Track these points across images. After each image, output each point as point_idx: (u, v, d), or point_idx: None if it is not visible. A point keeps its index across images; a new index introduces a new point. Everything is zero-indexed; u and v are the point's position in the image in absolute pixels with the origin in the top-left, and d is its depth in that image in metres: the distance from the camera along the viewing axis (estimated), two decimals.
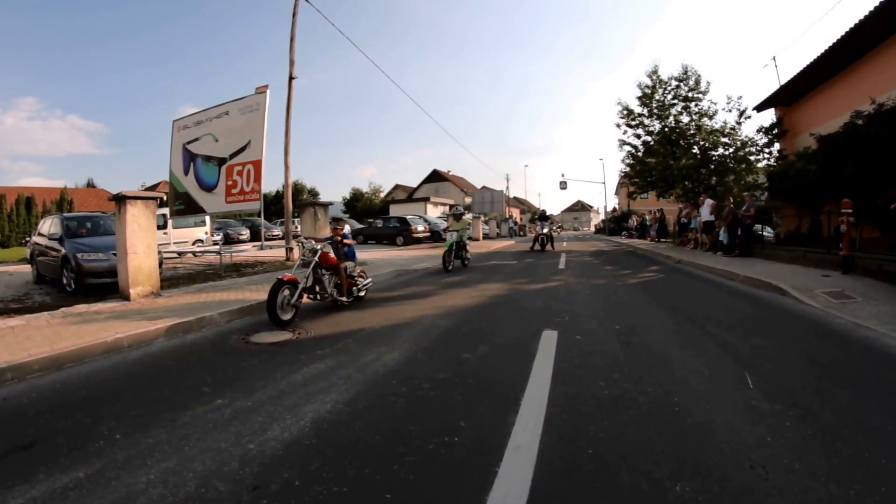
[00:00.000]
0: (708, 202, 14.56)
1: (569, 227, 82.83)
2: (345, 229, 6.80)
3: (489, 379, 3.35)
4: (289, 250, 12.29)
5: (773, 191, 14.70)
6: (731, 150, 16.45)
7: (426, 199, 41.99)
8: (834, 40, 11.21)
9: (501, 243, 24.54)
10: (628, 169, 19.98)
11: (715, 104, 16.84)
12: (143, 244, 6.73)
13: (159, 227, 9.37)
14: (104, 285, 7.43)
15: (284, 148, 12.18)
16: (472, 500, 1.90)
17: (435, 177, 56.97)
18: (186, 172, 12.68)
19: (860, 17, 10.11)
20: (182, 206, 13.05)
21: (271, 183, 46.83)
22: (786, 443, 2.32)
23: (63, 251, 7.98)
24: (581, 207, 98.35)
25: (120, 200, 6.63)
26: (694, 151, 16.92)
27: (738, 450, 2.26)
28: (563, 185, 43.63)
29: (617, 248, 19.94)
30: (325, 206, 11.76)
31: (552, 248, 17.06)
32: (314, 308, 6.16)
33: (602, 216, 52.69)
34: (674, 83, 17.07)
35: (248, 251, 14.68)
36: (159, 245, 7.54)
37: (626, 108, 18.39)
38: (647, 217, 27.25)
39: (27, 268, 11.70)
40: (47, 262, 8.96)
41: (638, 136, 18.53)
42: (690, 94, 16.83)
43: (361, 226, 28.05)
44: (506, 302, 6.60)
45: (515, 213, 51.64)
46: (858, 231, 9.40)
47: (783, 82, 14.85)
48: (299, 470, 2.14)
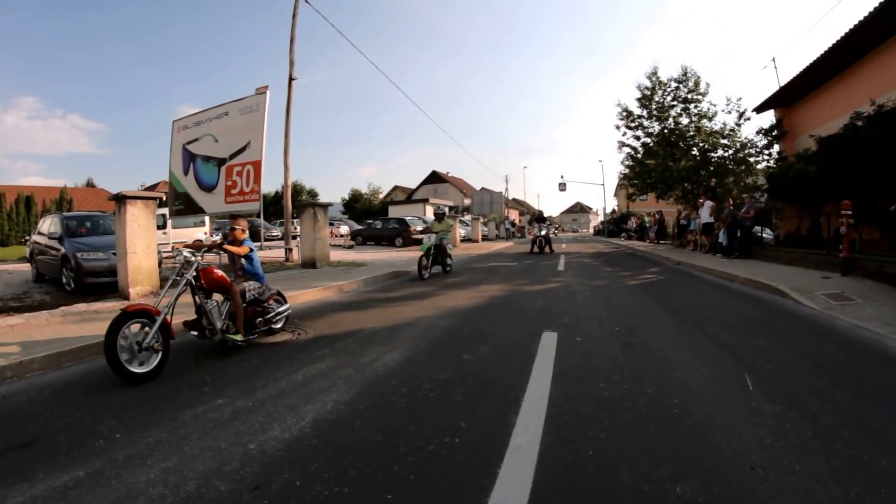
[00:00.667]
0: (707, 204, 14.58)
1: (568, 229, 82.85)
2: (244, 234, 4.76)
3: (489, 379, 3.35)
4: (288, 251, 12.30)
5: (773, 192, 14.71)
6: (731, 152, 16.49)
7: (425, 201, 41.78)
8: (834, 41, 11.24)
9: (500, 245, 24.55)
10: (628, 170, 20.01)
11: (714, 105, 16.92)
12: (143, 244, 6.74)
13: (158, 227, 9.36)
14: (103, 284, 7.43)
15: (284, 149, 12.21)
16: (474, 501, 1.90)
17: (434, 178, 56.99)
18: (186, 172, 12.69)
19: (860, 18, 10.14)
20: (181, 207, 13.06)
21: (270, 183, 46.75)
22: (786, 444, 2.32)
23: (63, 250, 7.98)
24: (580, 209, 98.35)
25: (120, 200, 6.65)
26: (693, 153, 16.95)
27: (739, 451, 2.26)
28: (563, 187, 43.66)
29: (616, 250, 19.94)
30: (325, 207, 11.75)
31: (550, 251, 17.01)
32: (314, 308, 6.15)
33: (601, 218, 52.70)
34: (673, 85, 17.12)
35: None
36: (158, 245, 7.54)
37: (626, 110, 18.43)
38: (647, 219, 27.27)
39: (26, 266, 11.72)
40: (47, 261, 8.97)
41: (637, 138, 18.57)
42: (690, 96, 16.87)
43: (360, 227, 28.05)
44: (505, 303, 6.60)
45: (514, 215, 51.71)
46: (858, 233, 9.39)
47: (783, 83, 14.89)
48: (300, 470, 2.13)
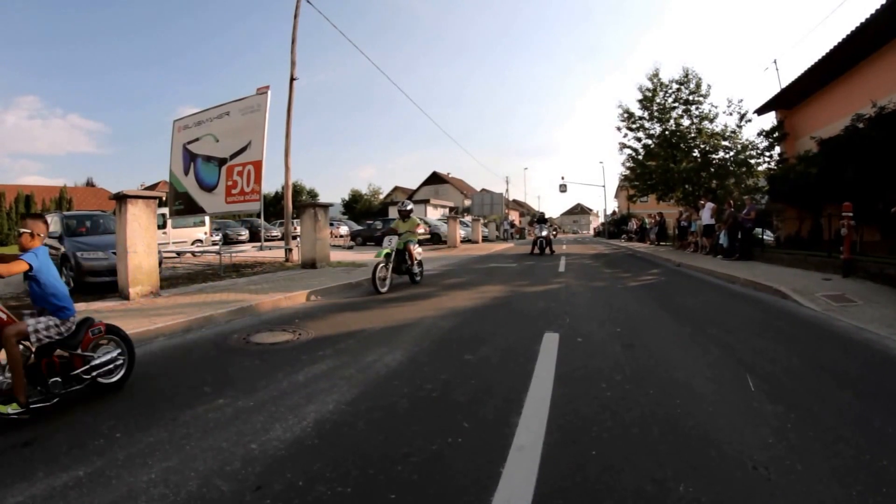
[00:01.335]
0: (708, 205, 14.57)
1: (568, 231, 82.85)
2: (36, 242, 3.01)
3: (491, 380, 3.34)
4: (288, 251, 12.30)
5: (774, 194, 14.72)
6: (732, 154, 16.49)
7: (426, 201, 41.86)
8: (835, 43, 11.22)
9: (500, 246, 24.55)
10: (628, 172, 20.01)
11: (716, 107, 16.92)
12: (144, 243, 6.70)
13: (158, 227, 9.32)
14: (103, 284, 7.41)
15: (285, 149, 12.20)
16: (477, 501, 1.89)
17: (434, 179, 56.95)
18: (186, 172, 12.70)
19: (862, 20, 10.14)
20: (182, 206, 13.08)
21: (271, 184, 46.76)
22: (787, 444, 2.32)
23: (62, 249, 7.96)
24: (580, 210, 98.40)
25: (121, 199, 6.62)
26: (694, 155, 16.95)
27: (741, 451, 2.26)
28: (563, 188, 43.68)
29: (617, 252, 19.95)
30: (325, 207, 11.73)
31: (551, 252, 16.99)
32: (314, 308, 6.14)
33: (601, 219, 52.72)
34: (674, 86, 17.11)
35: (248, 252, 14.67)
36: (158, 245, 7.51)
37: (627, 111, 18.42)
38: (647, 220, 27.28)
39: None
40: None
41: (638, 140, 18.56)
42: (691, 97, 16.88)
43: (360, 227, 28.05)
44: (506, 304, 6.59)
45: (515, 216, 51.65)
46: (859, 234, 9.38)
47: (784, 85, 14.87)
48: (302, 470, 2.12)
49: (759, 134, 16.19)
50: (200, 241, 16.99)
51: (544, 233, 16.88)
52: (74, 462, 2.22)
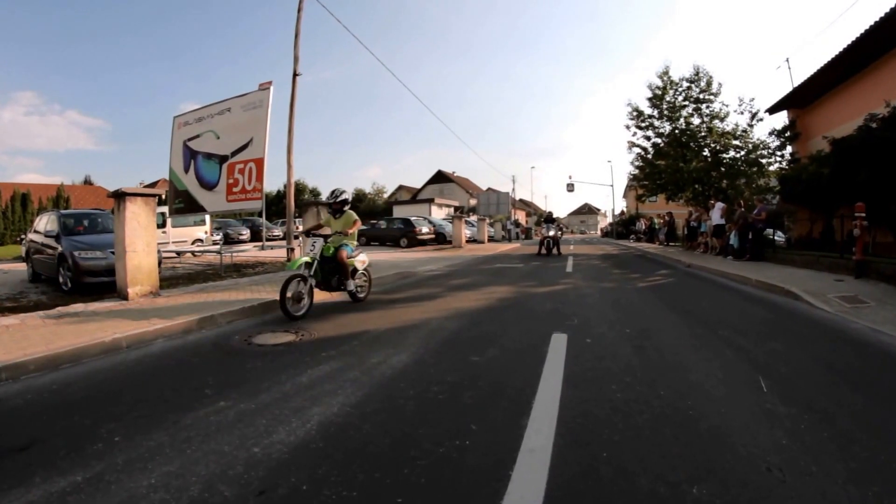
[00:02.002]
0: (718, 205, 14.43)
1: (576, 230, 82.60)
2: None
3: (499, 382, 3.27)
4: (290, 251, 12.25)
5: (785, 194, 14.54)
6: (743, 153, 16.32)
7: (431, 201, 41.80)
8: (849, 42, 11.05)
9: (506, 246, 24.48)
10: (637, 171, 19.88)
11: (727, 106, 16.76)
12: (143, 242, 6.61)
13: (158, 226, 9.26)
14: (102, 284, 7.32)
15: (287, 146, 12.05)
16: None
17: (440, 178, 56.82)
18: (187, 170, 12.51)
19: (876, 19, 9.99)
20: (182, 205, 12.85)
21: (272, 182, 46.66)
22: (802, 446, 2.29)
23: (60, 249, 7.84)
24: (588, 210, 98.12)
25: (119, 197, 6.51)
26: (705, 154, 16.79)
27: (755, 452, 2.22)
28: (571, 188, 43.54)
29: (625, 252, 19.80)
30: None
31: (558, 252, 16.83)
32: (317, 309, 6.09)
33: (609, 219, 52.48)
34: (685, 84, 16.98)
35: (249, 251, 14.64)
36: (157, 244, 7.41)
37: (636, 110, 18.30)
38: (656, 220, 27.09)
39: (22, 266, 11.69)
40: (43, 260, 8.80)
41: (648, 138, 18.44)
42: (702, 96, 16.72)
43: (364, 227, 28.00)
44: (514, 305, 6.51)
45: (521, 216, 51.49)
46: (872, 236, 9.27)
47: (797, 84, 14.67)
48: (307, 474, 2.07)
49: (771, 133, 16.03)
50: (201, 241, 16.89)
51: (552, 233, 16.68)
52: (73, 467, 2.17)
